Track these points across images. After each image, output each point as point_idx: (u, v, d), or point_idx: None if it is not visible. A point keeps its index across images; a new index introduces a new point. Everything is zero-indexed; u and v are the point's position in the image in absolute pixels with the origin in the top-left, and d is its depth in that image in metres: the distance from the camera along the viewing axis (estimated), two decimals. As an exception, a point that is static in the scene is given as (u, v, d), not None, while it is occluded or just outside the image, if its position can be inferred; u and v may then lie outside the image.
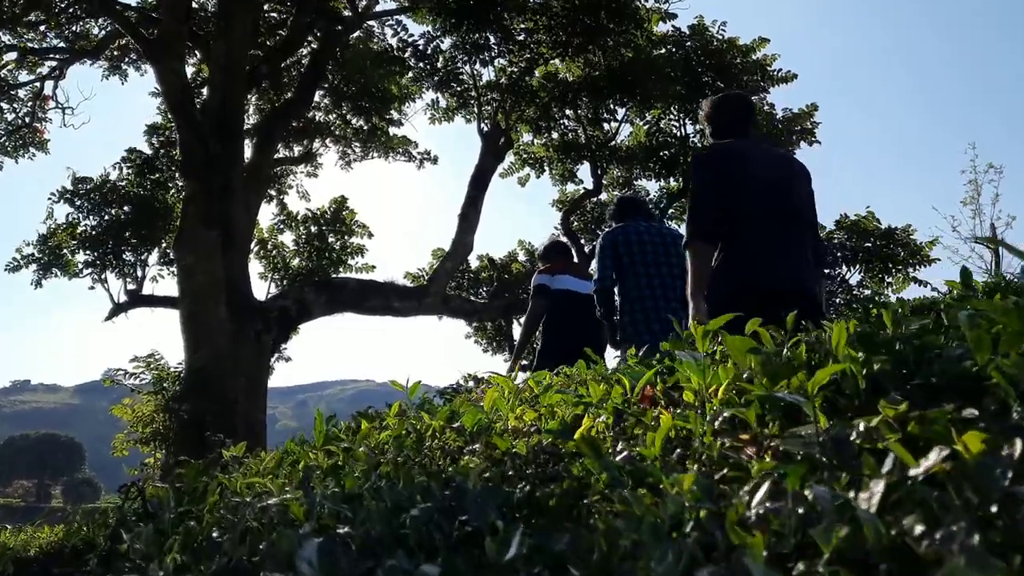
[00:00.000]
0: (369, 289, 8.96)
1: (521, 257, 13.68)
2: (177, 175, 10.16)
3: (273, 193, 13.09)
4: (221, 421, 7.92)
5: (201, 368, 8.07)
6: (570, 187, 14.78)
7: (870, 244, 10.83)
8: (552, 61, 11.97)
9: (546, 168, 13.74)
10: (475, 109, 10.59)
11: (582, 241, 13.13)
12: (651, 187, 13.84)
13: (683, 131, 12.55)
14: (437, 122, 11.18)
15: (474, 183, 9.33)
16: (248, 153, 9.51)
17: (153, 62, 8.98)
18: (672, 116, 12.36)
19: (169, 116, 10.43)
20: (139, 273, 10.87)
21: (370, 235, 11.77)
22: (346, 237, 11.36)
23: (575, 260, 6.42)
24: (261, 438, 8.65)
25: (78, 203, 11.29)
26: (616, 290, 4.41)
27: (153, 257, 11.31)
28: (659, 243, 4.51)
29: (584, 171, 14.49)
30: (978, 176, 16.09)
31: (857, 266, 11.05)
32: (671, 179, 13.11)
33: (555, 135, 13.48)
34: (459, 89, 10.88)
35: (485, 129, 9.90)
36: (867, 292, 11.22)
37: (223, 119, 8.47)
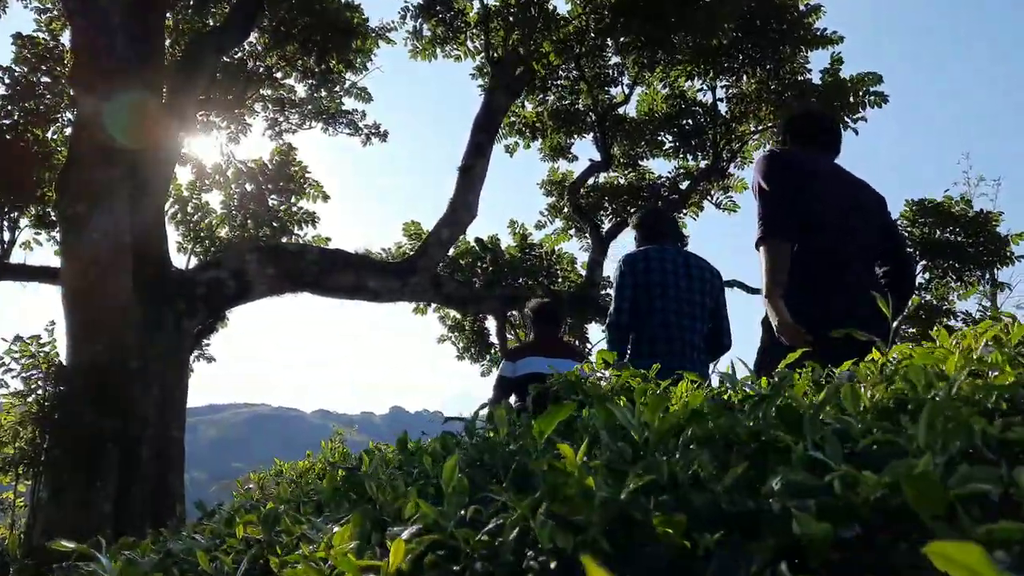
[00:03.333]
0: (336, 262, 6.74)
1: (510, 241, 11.70)
2: (65, 98, 7.75)
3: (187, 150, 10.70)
4: (122, 442, 5.69)
5: (93, 366, 5.78)
6: (563, 165, 12.83)
7: (948, 235, 9.25)
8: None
9: (539, 138, 11.74)
10: (475, 37, 8.54)
11: (601, 222, 11.09)
12: (662, 167, 12.01)
13: (714, 96, 10.75)
14: (419, 56, 9.07)
15: (479, 127, 7.26)
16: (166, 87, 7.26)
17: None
18: (700, 76, 10.51)
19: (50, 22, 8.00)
20: (3, 236, 8.32)
21: (325, 198, 9.54)
22: (294, 199, 9.10)
23: (559, 327, 5.81)
24: (177, 468, 6.38)
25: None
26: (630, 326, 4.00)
27: (26, 220, 8.80)
28: (684, 275, 4.13)
29: (582, 146, 12.55)
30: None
31: (926, 263, 9.45)
32: (692, 156, 11.29)
33: (551, 97, 11.51)
34: (448, 15, 8.79)
35: (496, 57, 7.84)
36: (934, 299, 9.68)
37: (137, 11, 6.16)
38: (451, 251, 10.06)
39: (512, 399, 5.18)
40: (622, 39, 10.98)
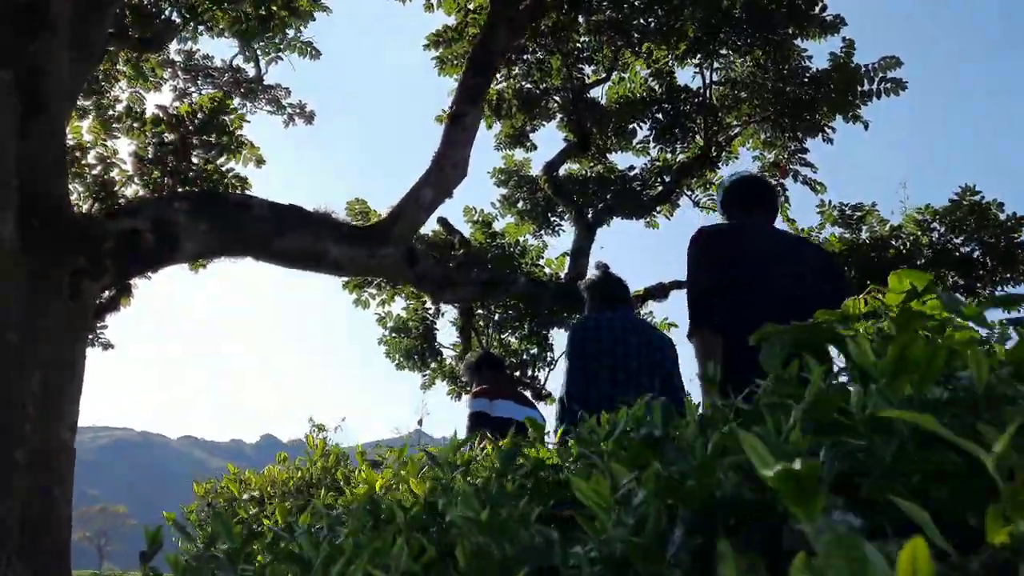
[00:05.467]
0: (289, 220, 5.35)
1: (465, 229, 10.47)
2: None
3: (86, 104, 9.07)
4: None
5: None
6: (518, 153, 11.67)
7: (963, 243, 8.53)
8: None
9: (501, 119, 10.56)
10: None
11: (589, 205, 9.88)
12: (629, 162, 10.98)
13: (703, 80, 9.79)
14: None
15: (474, 67, 6.03)
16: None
17: None
18: (693, 55, 9.55)
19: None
20: None
21: (260, 162, 8.09)
22: (224, 157, 7.60)
23: (509, 375, 5.91)
24: (64, 480, 4.91)
25: None
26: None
27: None
28: (635, 344, 4.08)
29: (542, 133, 11.42)
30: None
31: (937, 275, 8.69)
32: (670, 148, 10.31)
33: (516, 70, 10.37)
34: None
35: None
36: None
37: None
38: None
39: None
40: (593, 18, 10.04)
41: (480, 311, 9.26)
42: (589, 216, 9.20)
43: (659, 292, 9.30)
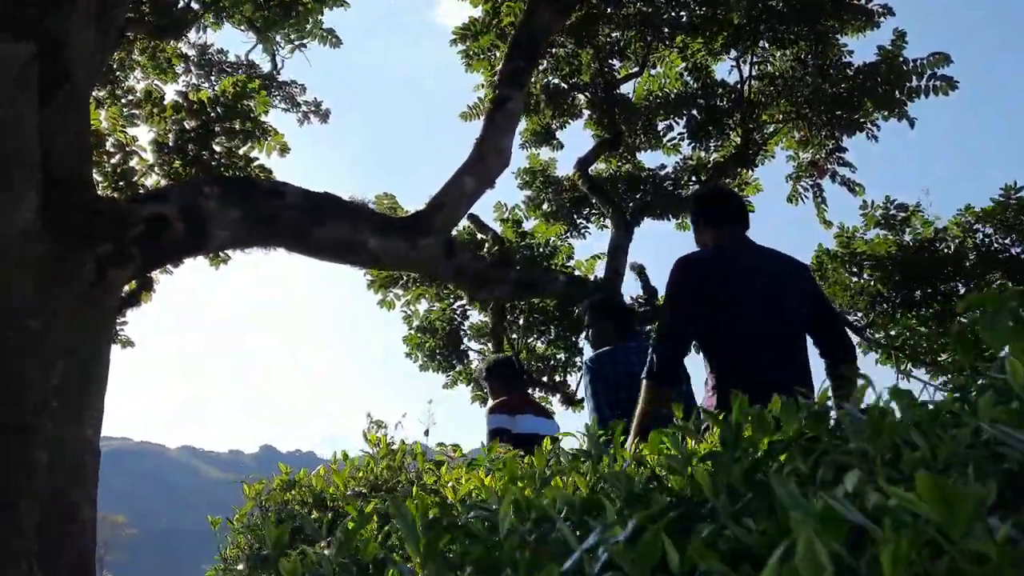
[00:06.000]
0: (325, 209, 5.07)
1: (495, 227, 10.17)
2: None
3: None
4: (5, 440, 3.99)
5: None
6: (544, 153, 11.39)
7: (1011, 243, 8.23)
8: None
9: (528, 115, 10.29)
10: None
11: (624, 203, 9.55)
12: (662, 160, 10.63)
13: (740, 75, 9.52)
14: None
15: (517, 49, 5.77)
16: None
17: None
18: (730, 50, 9.28)
19: None
20: None
21: (284, 151, 7.81)
22: (248, 144, 7.33)
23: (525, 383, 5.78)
24: (87, 482, 4.62)
25: None
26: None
27: None
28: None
29: (569, 133, 11.14)
30: None
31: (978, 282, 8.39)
32: (704, 146, 10.02)
33: (544, 64, 10.09)
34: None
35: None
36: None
37: None
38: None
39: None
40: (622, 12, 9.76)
41: (507, 316, 8.99)
42: (627, 214, 8.90)
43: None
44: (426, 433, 3.95)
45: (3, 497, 3.95)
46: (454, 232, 9.63)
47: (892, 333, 9.13)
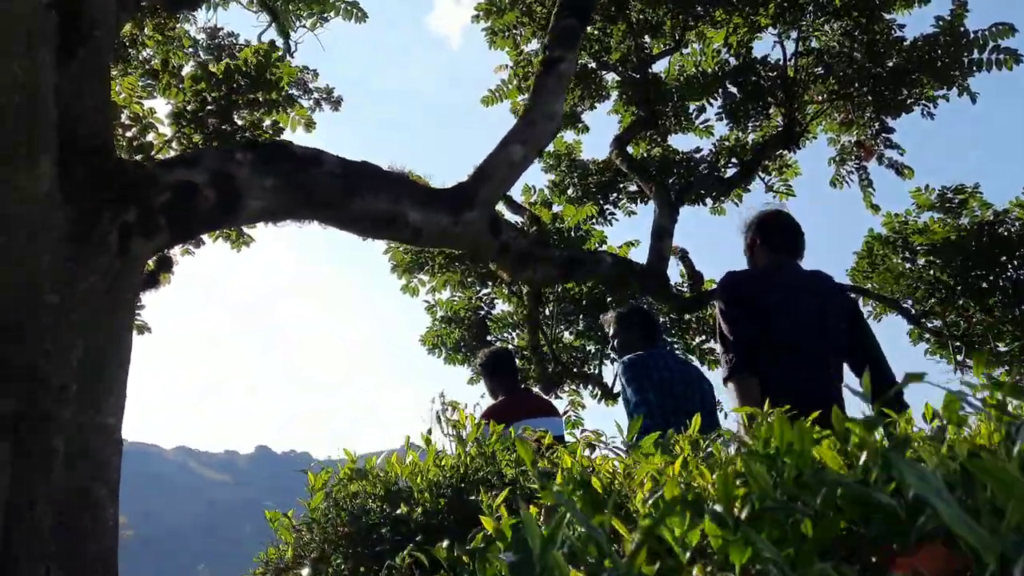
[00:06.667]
0: (365, 178, 4.69)
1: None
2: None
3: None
4: (19, 426, 3.61)
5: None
6: (568, 136, 11.00)
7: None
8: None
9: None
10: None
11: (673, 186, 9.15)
12: (696, 143, 10.22)
13: (784, 52, 9.10)
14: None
15: (569, 5, 5.39)
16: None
17: None
18: (776, 24, 8.86)
19: None
20: None
21: (310, 126, 7.42)
22: (272, 113, 6.93)
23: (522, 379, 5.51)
24: (109, 475, 4.27)
25: None
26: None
27: None
28: (683, 383, 4.34)
29: (594, 117, 10.72)
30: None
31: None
32: (741, 126, 9.61)
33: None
34: None
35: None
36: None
37: None
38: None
39: None
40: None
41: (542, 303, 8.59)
42: (672, 193, 8.49)
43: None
44: (428, 432, 3.56)
45: (17, 493, 3.60)
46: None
47: (948, 320, 8.71)
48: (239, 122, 7.03)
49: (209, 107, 6.82)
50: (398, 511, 2.18)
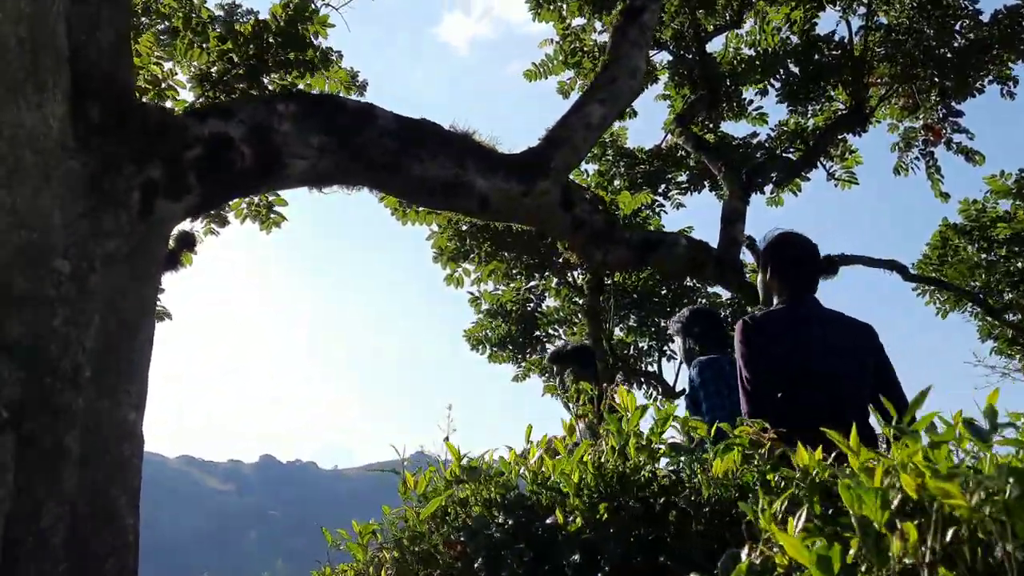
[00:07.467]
0: (424, 138, 4.09)
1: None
2: None
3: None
4: (26, 418, 2.91)
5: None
6: (615, 124, 10.38)
7: None
8: None
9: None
10: None
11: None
12: (748, 130, 9.62)
13: (849, 30, 8.50)
14: None
15: (652, -48, 4.76)
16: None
17: None
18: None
19: None
20: None
21: (350, 88, 6.81)
22: (306, 76, 6.33)
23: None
24: (128, 478, 3.62)
25: None
26: None
27: None
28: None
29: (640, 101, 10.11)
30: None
31: None
32: (802, 110, 9.01)
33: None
34: None
35: None
36: None
37: None
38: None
39: None
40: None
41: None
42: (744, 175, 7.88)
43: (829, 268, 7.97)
44: (446, 439, 2.99)
45: (24, 497, 3.00)
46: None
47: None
48: (269, 86, 6.47)
49: (236, 70, 6.24)
50: (538, 521, 1.62)
